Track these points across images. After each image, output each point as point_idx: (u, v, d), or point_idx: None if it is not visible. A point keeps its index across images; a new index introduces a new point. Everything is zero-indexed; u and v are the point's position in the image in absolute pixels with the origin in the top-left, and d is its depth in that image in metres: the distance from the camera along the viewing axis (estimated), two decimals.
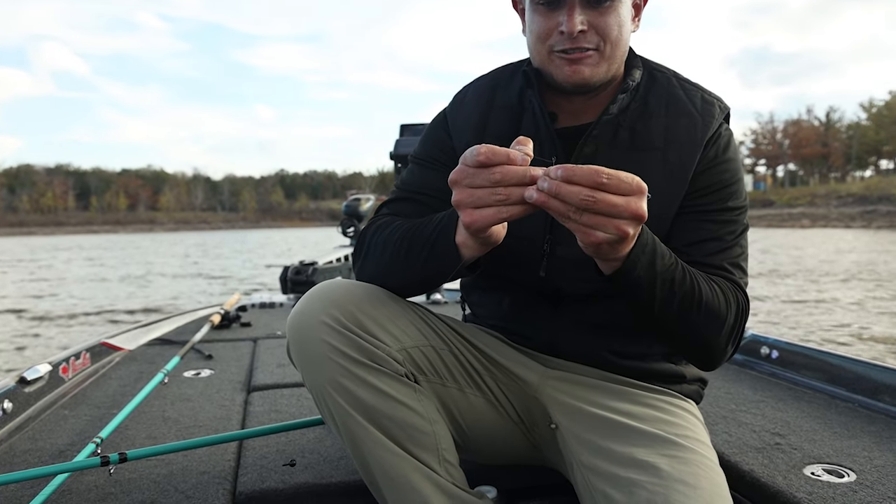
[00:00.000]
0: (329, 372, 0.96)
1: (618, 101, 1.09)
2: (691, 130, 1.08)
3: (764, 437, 1.44)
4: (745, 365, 2.14)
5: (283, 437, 1.47)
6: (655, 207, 1.02)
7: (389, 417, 0.97)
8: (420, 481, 0.97)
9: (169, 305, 9.67)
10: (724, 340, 1.01)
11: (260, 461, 1.34)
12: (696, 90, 1.12)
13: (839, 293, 9.82)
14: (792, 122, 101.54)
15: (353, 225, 3.93)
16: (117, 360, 2.38)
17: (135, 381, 2.04)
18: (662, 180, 1.06)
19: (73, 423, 1.66)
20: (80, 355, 2.14)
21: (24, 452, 1.45)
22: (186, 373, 2.14)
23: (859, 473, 1.23)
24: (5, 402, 1.64)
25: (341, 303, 0.98)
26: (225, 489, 1.23)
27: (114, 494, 1.22)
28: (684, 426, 1.04)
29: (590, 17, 1.02)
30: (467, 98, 1.20)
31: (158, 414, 1.70)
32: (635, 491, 0.90)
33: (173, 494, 1.21)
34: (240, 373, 2.15)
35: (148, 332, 2.73)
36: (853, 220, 47.18)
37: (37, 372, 1.84)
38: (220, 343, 2.63)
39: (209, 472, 1.30)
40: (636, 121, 1.10)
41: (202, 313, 3.18)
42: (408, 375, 1.00)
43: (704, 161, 1.08)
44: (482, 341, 1.15)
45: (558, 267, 1.09)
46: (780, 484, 1.19)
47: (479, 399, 1.12)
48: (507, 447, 1.18)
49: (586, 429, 1.05)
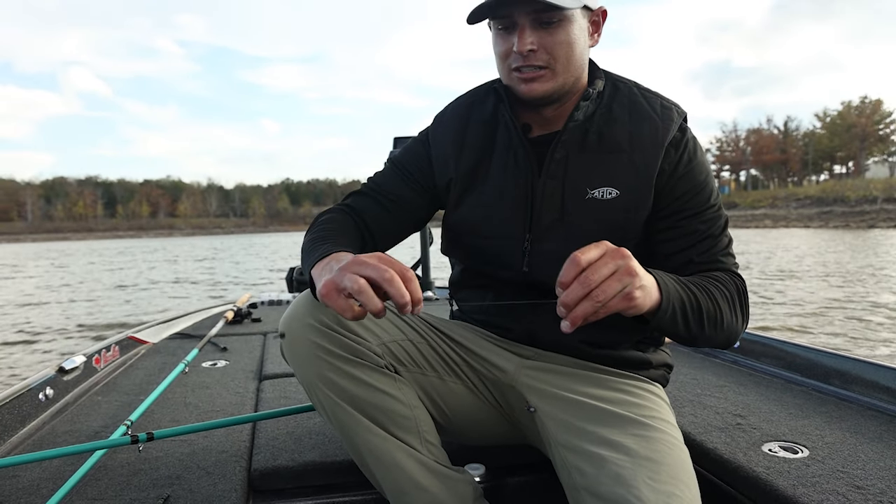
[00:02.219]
0: (317, 367, 0.98)
1: (581, 107, 1.09)
2: (653, 134, 1.07)
3: (726, 418, 1.45)
4: (710, 354, 2.15)
5: (292, 421, 1.48)
6: (625, 204, 1.06)
7: (373, 405, 0.99)
8: (404, 459, 0.99)
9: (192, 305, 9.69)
10: (739, 325, 1.04)
11: (272, 442, 1.35)
12: (656, 97, 1.12)
13: (801, 287, 9.87)
14: (753, 131, 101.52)
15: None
16: (143, 352, 2.38)
17: (159, 371, 2.05)
18: (631, 179, 1.07)
19: (106, 407, 1.67)
20: (110, 348, 2.15)
21: (65, 433, 1.47)
22: (204, 363, 2.14)
23: (812, 450, 1.25)
24: (47, 388, 1.66)
25: (324, 307, 0.99)
26: (241, 466, 1.24)
27: (143, 471, 1.23)
28: (651, 408, 1.06)
29: (539, 37, 1.02)
30: (446, 117, 1.21)
31: (180, 400, 1.71)
32: (605, 466, 0.91)
33: (195, 471, 1.22)
34: (252, 363, 2.15)
35: (169, 328, 2.73)
36: (811, 221, 47.21)
37: (73, 362, 1.86)
38: (234, 337, 2.64)
39: (227, 452, 1.31)
40: (602, 126, 1.09)
41: (217, 310, 3.19)
42: (388, 367, 1.02)
43: (674, 165, 1.07)
44: (459, 335, 1.16)
45: (539, 262, 1.10)
46: (741, 460, 1.20)
47: (458, 386, 1.13)
48: (488, 429, 1.19)
49: (561, 411, 1.06)
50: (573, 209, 1.08)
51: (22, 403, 1.53)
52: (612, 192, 1.06)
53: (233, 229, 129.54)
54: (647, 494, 0.84)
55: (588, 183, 1.07)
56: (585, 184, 1.07)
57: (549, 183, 1.09)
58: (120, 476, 1.20)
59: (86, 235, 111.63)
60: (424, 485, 1.00)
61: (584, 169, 1.08)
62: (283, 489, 1.23)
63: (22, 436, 1.46)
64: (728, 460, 1.21)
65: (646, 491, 0.85)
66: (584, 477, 0.93)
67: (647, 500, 0.83)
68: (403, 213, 1.18)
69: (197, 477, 1.19)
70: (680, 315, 0.93)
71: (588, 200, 1.07)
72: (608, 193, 1.06)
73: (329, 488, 1.23)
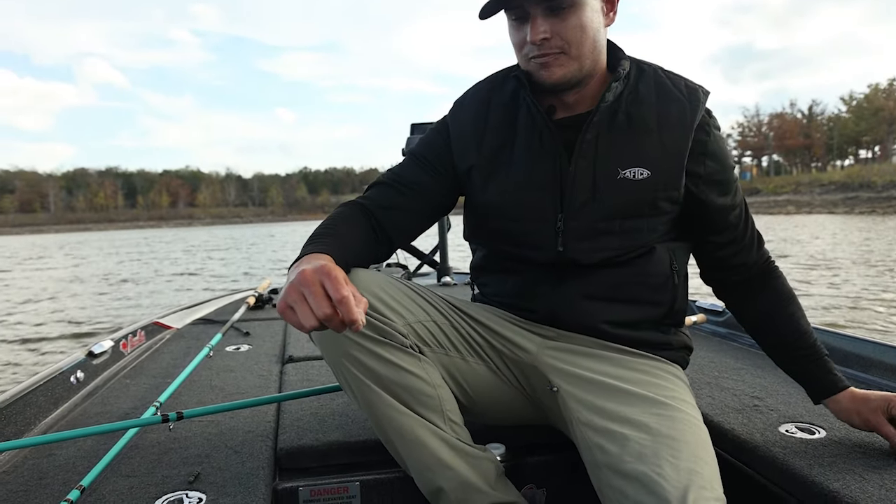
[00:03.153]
0: (344, 347, 1.01)
1: (612, 88, 1.09)
2: (681, 114, 1.09)
3: (744, 400, 1.46)
4: (728, 338, 2.16)
5: (315, 402, 1.52)
6: (656, 184, 1.08)
7: (397, 383, 1.01)
8: (428, 437, 1.02)
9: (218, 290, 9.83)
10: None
11: (297, 423, 1.39)
12: (680, 79, 1.14)
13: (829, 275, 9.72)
14: (776, 116, 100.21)
15: None
16: (168, 337, 2.44)
17: (184, 355, 2.10)
18: (661, 159, 1.09)
19: (134, 390, 1.72)
20: (136, 333, 2.21)
21: (96, 414, 1.52)
22: (228, 347, 2.19)
23: (828, 431, 1.25)
24: (78, 371, 1.72)
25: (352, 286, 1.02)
26: (267, 446, 1.28)
27: (174, 450, 1.27)
28: (671, 388, 1.07)
29: (552, 24, 1.04)
30: (466, 102, 1.22)
31: (206, 382, 1.75)
32: (628, 444, 0.93)
33: (223, 450, 1.26)
34: (274, 347, 2.19)
35: (193, 313, 2.79)
36: (836, 207, 46.46)
37: (102, 347, 1.91)
38: (256, 322, 2.68)
39: (253, 432, 1.35)
40: (630, 106, 1.10)
41: (239, 296, 3.24)
42: (412, 347, 1.05)
43: (703, 145, 1.12)
44: (483, 316, 1.18)
45: (573, 240, 1.11)
46: (758, 440, 1.21)
47: (481, 366, 1.15)
48: (509, 409, 1.21)
49: (583, 391, 1.09)
50: (605, 189, 1.10)
51: (54, 386, 1.58)
52: (643, 173, 1.08)
53: (252, 218, 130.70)
54: (668, 472, 0.87)
55: (619, 163, 1.09)
56: (617, 164, 1.09)
57: (580, 163, 1.10)
58: (151, 455, 1.25)
59: (107, 226, 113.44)
60: (448, 462, 1.03)
61: (614, 149, 1.10)
62: (308, 468, 1.27)
63: (55, 417, 1.52)
64: (745, 441, 1.23)
65: (667, 468, 0.87)
66: (606, 455, 0.96)
67: (668, 477, 0.86)
68: (422, 200, 1.20)
69: (225, 456, 1.23)
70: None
71: (620, 180, 1.09)
72: (640, 174, 1.08)
73: (353, 467, 1.27)
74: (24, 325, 7.34)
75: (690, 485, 0.85)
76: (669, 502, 0.83)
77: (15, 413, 1.39)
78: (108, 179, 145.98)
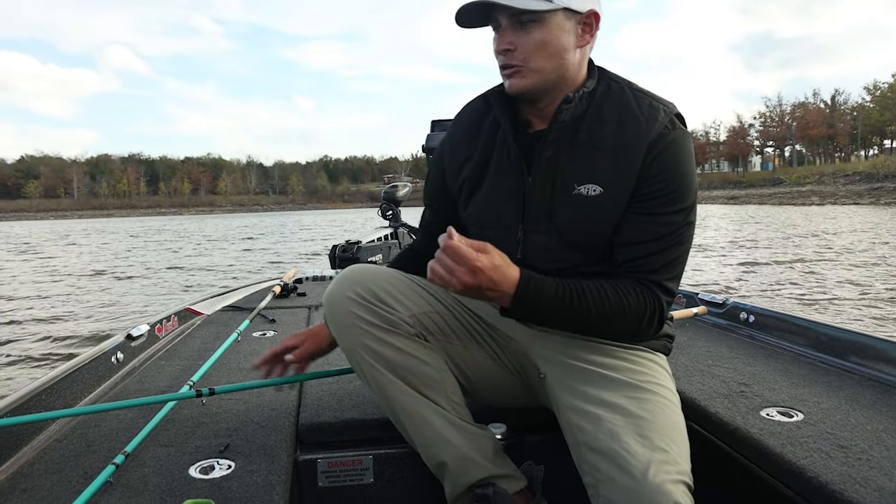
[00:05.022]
0: (356, 335, 1.12)
1: (563, 109, 1.13)
2: (637, 133, 1.11)
3: (731, 386, 1.54)
4: (726, 328, 2.23)
5: (334, 384, 1.65)
6: (608, 201, 1.12)
7: (405, 368, 1.13)
8: (432, 416, 1.13)
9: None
10: (632, 329, 1.14)
11: (317, 402, 1.52)
12: (646, 97, 1.15)
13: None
14: (798, 105, 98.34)
15: (391, 209, 4.05)
16: (198, 322, 2.57)
17: (213, 339, 2.22)
18: (613, 177, 1.12)
19: (169, 370, 1.86)
20: (170, 318, 2.34)
21: (135, 391, 1.66)
22: (255, 333, 2.31)
23: (806, 415, 1.33)
24: (118, 352, 1.86)
25: (363, 282, 1.14)
26: (290, 422, 1.40)
27: (206, 423, 1.40)
28: (649, 374, 1.16)
29: (516, 38, 1.10)
30: (462, 121, 1.31)
31: (235, 365, 1.88)
32: (602, 424, 1.03)
33: (250, 425, 1.39)
34: None
35: (222, 300, 2.92)
36: (861, 197, 45.55)
37: (139, 330, 2.05)
38: (281, 310, 2.80)
39: (277, 409, 1.48)
40: (592, 125, 1.14)
41: (265, 285, 3.35)
42: (418, 335, 1.16)
43: (650, 164, 1.10)
44: (480, 308, 1.29)
45: (532, 251, 1.19)
46: (738, 422, 1.30)
47: (481, 353, 1.26)
48: (507, 392, 1.31)
49: (567, 377, 1.18)
50: (560, 203, 1.15)
51: (97, 365, 1.73)
52: (596, 189, 1.12)
53: (272, 206, 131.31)
54: (635, 448, 0.97)
55: (575, 179, 1.14)
56: (573, 180, 1.14)
57: (538, 179, 1.16)
58: (186, 427, 1.39)
59: (129, 212, 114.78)
60: (449, 438, 1.14)
61: (571, 165, 1.15)
62: (326, 442, 1.39)
63: (99, 392, 1.66)
64: (727, 422, 1.31)
65: (635, 445, 0.97)
66: (583, 434, 1.06)
67: (635, 452, 0.96)
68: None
69: (252, 430, 1.36)
70: (546, 309, 1.09)
71: (574, 196, 1.14)
72: (593, 190, 1.12)
73: (366, 442, 1.40)
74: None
75: (653, 460, 0.94)
76: (634, 476, 0.93)
77: (64, 388, 1.53)
78: (132, 166, 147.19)
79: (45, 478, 1.16)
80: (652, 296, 1.12)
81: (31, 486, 1.13)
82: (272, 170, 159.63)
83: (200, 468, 1.18)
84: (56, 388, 1.49)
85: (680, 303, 2.55)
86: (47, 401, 1.44)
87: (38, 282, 10.78)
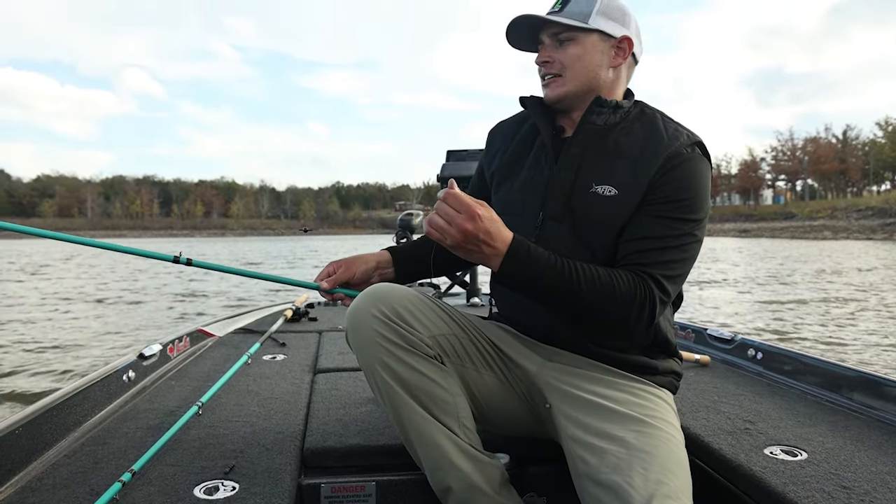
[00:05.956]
0: (376, 352, 1.14)
1: (594, 111, 1.27)
2: (657, 147, 1.22)
3: (736, 423, 1.54)
4: (734, 365, 2.23)
5: (340, 410, 1.66)
6: (620, 202, 1.21)
7: (420, 389, 1.14)
8: (442, 440, 1.14)
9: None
10: (622, 315, 1.13)
11: (322, 426, 1.53)
12: (673, 124, 1.28)
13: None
14: (810, 140, 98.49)
15: (406, 236, 4.06)
16: (210, 344, 2.59)
17: (224, 361, 2.25)
18: (629, 182, 1.21)
19: (179, 391, 1.88)
20: (182, 339, 2.37)
21: (145, 411, 1.68)
22: (265, 356, 2.33)
23: (810, 454, 1.33)
24: (129, 371, 1.88)
25: (386, 300, 1.16)
26: (295, 445, 1.41)
27: (212, 445, 1.42)
28: (654, 409, 1.18)
29: (555, 53, 1.28)
30: (506, 121, 1.48)
31: (244, 387, 1.90)
32: (605, 456, 1.05)
33: (256, 447, 1.40)
34: (307, 358, 2.33)
35: (234, 323, 2.95)
36: (874, 232, 45.33)
37: (151, 350, 2.07)
38: (292, 333, 2.82)
39: (283, 433, 1.49)
40: (620, 135, 1.26)
41: (277, 308, 3.38)
42: (436, 357, 1.17)
43: (665, 173, 1.20)
44: (494, 334, 1.31)
45: (546, 237, 1.25)
46: (742, 460, 1.30)
47: (492, 379, 1.28)
48: (516, 421, 1.33)
49: (573, 408, 1.20)
50: (577, 198, 1.25)
51: (109, 383, 1.75)
52: (611, 191, 1.22)
53: (283, 231, 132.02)
54: (637, 482, 0.98)
55: (594, 179, 1.24)
56: (592, 179, 1.24)
57: (562, 173, 1.27)
58: (192, 447, 1.40)
59: (141, 233, 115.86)
60: (458, 464, 1.15)
61: (594, 167, 1.26)
62: (330, 467, 1.41)
63: (110, 410, 1.68)
64: (730, 460, 1.32)
65: (637, 479, 0.98)
66: (586, 465, 1.08)
67: (637, 486, 0.97)
68: None
69: (257, 452, 1.37)
70: (538, 273, 1.11)
71: (591, 194, 1.23)
72: (608, 191, 1.22)
73: (370, 468, 1.41)
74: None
75: (656, 494, 0.96)
76: None
77: (76, 404, 1.56)
78: (146, 187, 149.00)
79: (52, 493, 1.18)
80: (644, 285, 1.14)
81: (38, 501, 1.15)
82: (284, 194, 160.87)
83: (205, 489, 1.19)
84: (68, 404, 1.52)
85: (689, 338, 2.55)
86: (59, 417, 1.47)
87: (48, 304, 10.78)
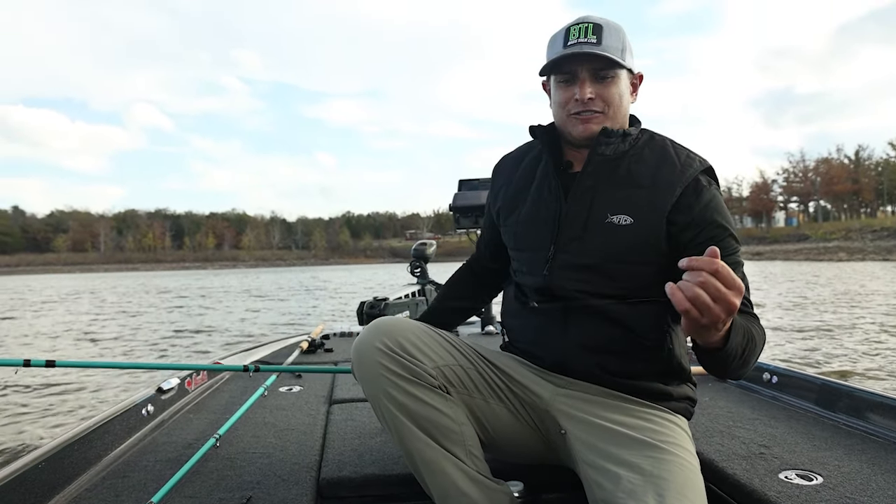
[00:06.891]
0: (381, 384, 1.17)
1: (602, 142, 1.28)
2: (671, 176, 1.25)
3: (751, 448, 1.54)
4: (748, 388, 2.23)
5: (356, 440, 1.68)
6: (637, 231, 1.24)
7: (426, 419, 1.16)
8: (450, 468, 1.16)
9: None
10: (759, 354, 1.17)
11: (338, 456, 1.55)
12: (684, 150, 1.31)
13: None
14: (822, 161, 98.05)
15: (420, 266, 4.10)
16: (227, 376, 2.62)
17: (241, 394, 2.28)
18: (645, 210, 1.24)
19: (197, 423, 1.91)
20: (199, 372, 2.40)
21: (163, 443, 1.71)
22: (281, 388, 2.36)
23: (826, 478, 1.33)
24: (148, 405, 1.92)
25: (391, 333, 1.20)
26: (311, 476, 1.44)
27: (229, 476, 1.45)
28: (669, 434, 1.19)
29: (597, 89, 1.27)
30: (509, 156, 1.51)
31: (260, 419, 1.93)
32: (621, 482, 1.06)
33: (272, 478, 1.43)
34: (323, 389, 2.36)
35: (251, 355, 2.97)
36: (890, 253, 44.83)
37: (170, 384, 2.10)
38: (308, 365, 2.86)
39: (299, 463, 1.52)
40: (631, 164, 1.28)
41: (293, 340, 3.41)
42: (441, 387, 1.20)
43: (691, 203, 1.22)
44: (504, 364, 1.34)
45: (558, 270, 1.29)
46: (756, 485, 1.30)
47: (501, 408, 1.30)
48: (526, 448, 1.34)
49: (588, 434, 1.22)
50: (592, 229, 1.27)
51: (129, 417, 1.79)
52: (627, 220, 1.24)
53: (295, 261, 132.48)
54: None
55: (609, 209, 1.26)
56: (607, 209, 1.26)
57: (574, 206, 1.29)
58: (210, 479, 1.43)
59: (154, 266, 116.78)
60: (466, 491, 1.17)
61: (608, 197, 1.28)
62: (346, 497, 1.42)
63: (129, 444, 1.72)
64: (744, 484, 1.32)
65: None
66: (602, 491, 1.09)
67: None
68: (503, 249, 1.48)
69: (274, 483, 1.40)
70: (740, 346, 1.05)
71: (606, 224, 1.25)
72: (624, 220, 1.24)
73: (386, 498, 1.42)
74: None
75: None
76: None
77: (96, 438, 1.59)
78: (157, 220, 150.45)
79: None
80: (759, 322, 1.19)
81: None
82: (295, 225, 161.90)
83: None
84: (89, 438, 1.55)
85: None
86: (80, 451, 1.50)
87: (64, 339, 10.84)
